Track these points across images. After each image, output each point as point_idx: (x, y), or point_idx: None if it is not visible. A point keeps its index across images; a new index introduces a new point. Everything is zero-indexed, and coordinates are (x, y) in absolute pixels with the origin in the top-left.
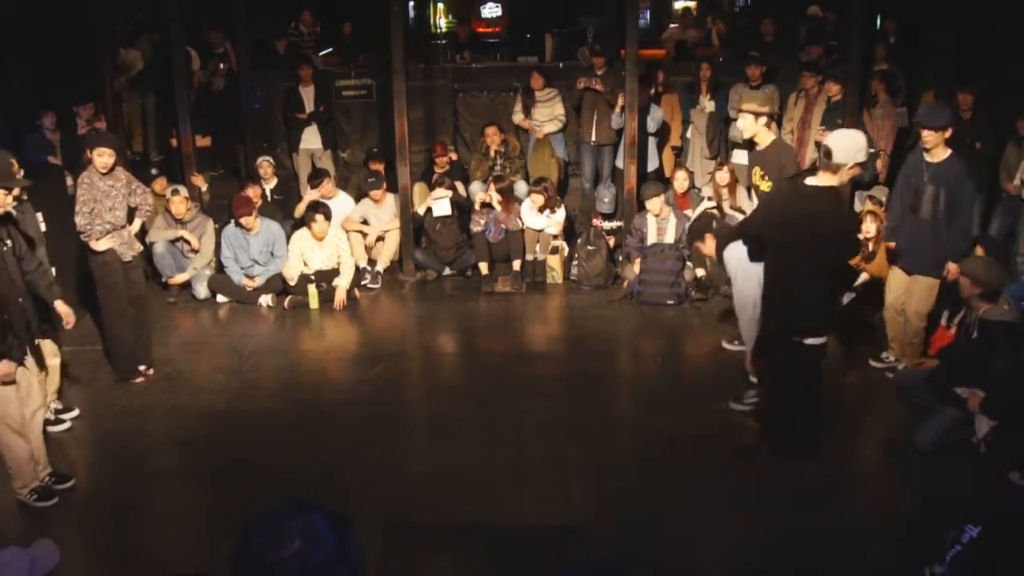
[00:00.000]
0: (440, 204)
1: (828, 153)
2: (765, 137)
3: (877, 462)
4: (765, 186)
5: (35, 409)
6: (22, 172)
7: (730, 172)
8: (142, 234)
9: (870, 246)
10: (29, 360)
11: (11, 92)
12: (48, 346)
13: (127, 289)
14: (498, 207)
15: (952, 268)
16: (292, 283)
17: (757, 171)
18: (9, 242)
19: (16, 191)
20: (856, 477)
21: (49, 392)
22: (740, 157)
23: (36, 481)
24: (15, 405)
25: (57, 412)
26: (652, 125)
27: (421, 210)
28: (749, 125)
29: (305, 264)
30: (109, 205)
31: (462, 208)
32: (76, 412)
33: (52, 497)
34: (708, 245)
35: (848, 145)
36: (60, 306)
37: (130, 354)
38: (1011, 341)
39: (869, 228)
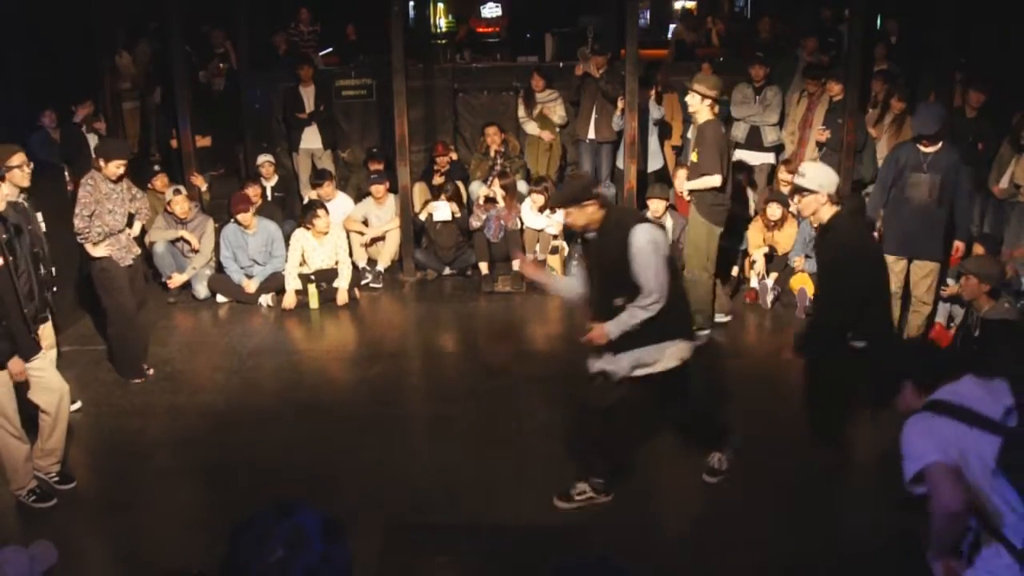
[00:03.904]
0: (441, 209)
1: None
2: (703, 115)
3: (877, 462)
4: (693, 157)
5: (60, 395)
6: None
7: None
8: (141, 235)
9: None
10: (42, 352)
11: (12, 91)
12: (48, 336)
13: (130, 292)
14: (502, 202)
15: (959, 245)
16: (293, 287)
17: (692, 145)
18: (10, 256)
19: (10, 191)
20: (856, 477)
21: None
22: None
23: (34, 481)
24: (12, 408)
25: None
26: (656, 113)
27: (423, 216)
28: (695, 103)
29: (305, 263)
30: (109, 208)
31: (462, 207)
32: (79, 404)
33: (51, 499)
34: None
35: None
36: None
37: (137, 357)
38: (1013, 340)
39: None
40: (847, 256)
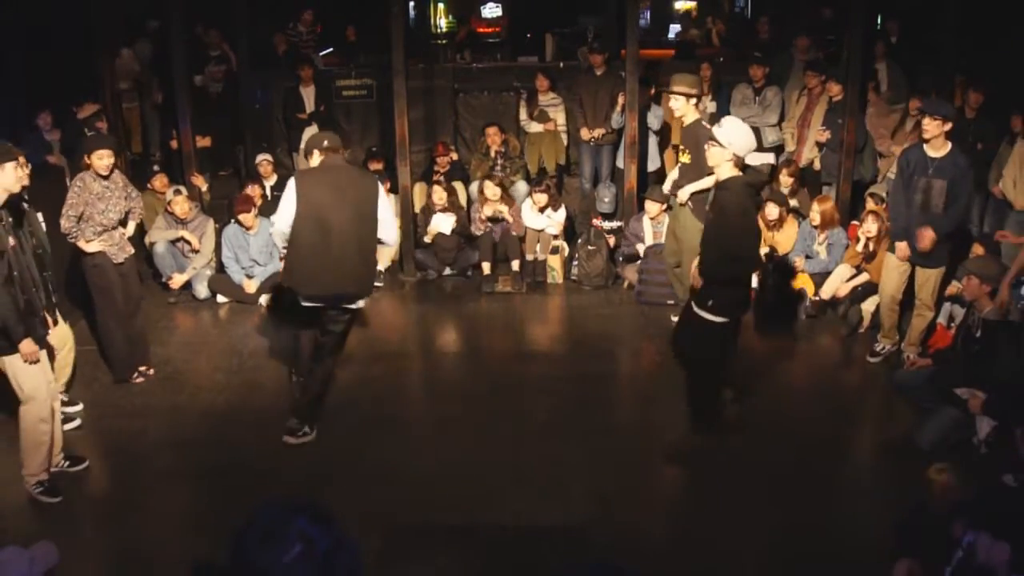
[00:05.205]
0: (444, 223)
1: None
2: (690, 116)
3: (877, 462)
4: (685, 158)
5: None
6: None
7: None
8: (140, 235)
9: (871, 246)
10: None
11: (11, 91)
12: (62, 334)
13: (122, 290)
14: (510, 219)
15: (928, 235)
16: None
17: (680, 147)
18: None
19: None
20: (856, 477)
21: (59, 384)
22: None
23: (46, 474)
24: (45, 391)
25: (64, 405)
26: (655, 122)
27: (427, 238)
28: (682, 106)
29: None
30: (102, 208)
31: (460, 211)
32: (80, 407)
33: (57, 495)
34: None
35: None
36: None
37: (125, 355)
38: (1014, 341)
39: (870, 228)
40: (730, 215)
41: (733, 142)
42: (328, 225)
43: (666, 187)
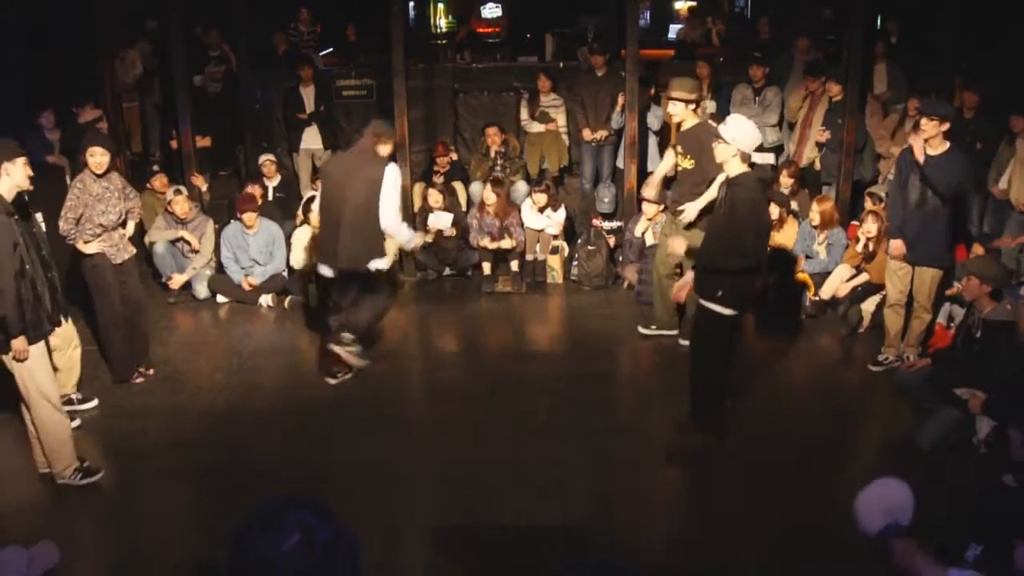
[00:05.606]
0: (443, 220)
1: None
2: (690, 120)
3: (877, 462)
4: (687, 163)
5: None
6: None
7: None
8: (140, 235)
9: (871, 246)
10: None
11: (12, 91)
12: (67, 334)
13: (121, 292)
14: (512, 244)
15: (916, 140)
16: (298, 267)
17: (677, 150)
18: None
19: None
20: (856, 477)
21: (69, 384)
22: None
23: (76, 460)
24: (53, 382)
25: (78, 402)
26: (655, 122)
27: (428, 238)
28: (680, 111)
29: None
30: (102, 209)
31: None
32: (95, 402)
33: (98, 472)
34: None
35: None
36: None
37: (124, 356)
38: (1015, 342)
39: (870, 228)
40: (740, 211)
41: (737, 137)
42: (332, 201)
43: (649, 192)
